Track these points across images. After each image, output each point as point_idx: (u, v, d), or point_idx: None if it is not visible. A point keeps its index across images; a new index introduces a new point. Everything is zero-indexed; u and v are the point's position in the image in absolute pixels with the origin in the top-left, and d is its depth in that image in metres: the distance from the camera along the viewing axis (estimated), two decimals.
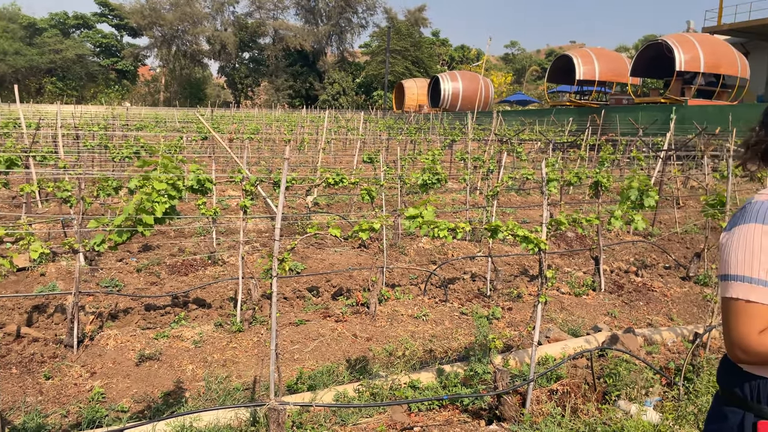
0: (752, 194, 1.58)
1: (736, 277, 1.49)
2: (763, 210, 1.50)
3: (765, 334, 1.44)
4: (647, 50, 28.30)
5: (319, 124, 23.67)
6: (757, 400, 1.51)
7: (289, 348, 4.83)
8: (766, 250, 1.46)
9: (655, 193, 5.24)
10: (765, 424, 1.48)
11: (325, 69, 72.91)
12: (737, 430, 1.53)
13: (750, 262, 1.47)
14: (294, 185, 8.98)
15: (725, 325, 1.51)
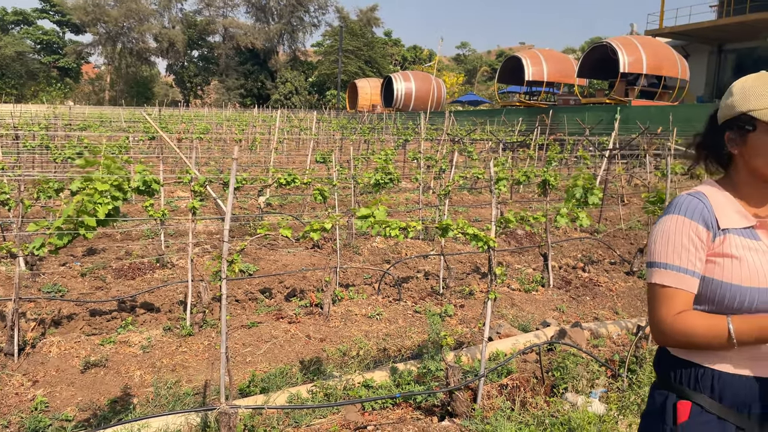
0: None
1: (655, 264, 1.60)
2: (683, 203, 1.60)
3: (679, 316, 1.53)
4: (593, 52, 29.15)
5: (271, 124, 23.43)
6: (679, 381, 1.60)
7: (241, 351, 4.76)
8: (680, 238, 1.56)
9: (599, 191, 5.40)
10: (683, 403, 1.57)
11: (277, 68, 72.16)
12: (661, 409, 1.62)
13: (665, 250, 1.58)
14: (245, 186, 8.87)
15: (648, 310, 1.61)
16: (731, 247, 1.54)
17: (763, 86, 1.53)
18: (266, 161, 14.91)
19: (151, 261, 6.99)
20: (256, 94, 71.11)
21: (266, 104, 61.68)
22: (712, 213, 1.57)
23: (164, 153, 13.20)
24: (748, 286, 1.50)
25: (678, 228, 1.58)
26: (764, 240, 1.55)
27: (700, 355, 1.57)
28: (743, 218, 1.57)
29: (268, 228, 3.17)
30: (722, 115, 1.61)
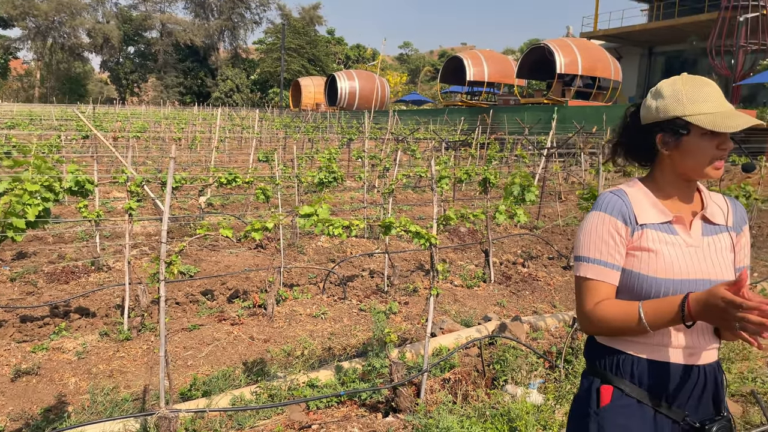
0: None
1: (580, 258, 1.69)
2: (605, 200, 1.69)
3: (599, 305, 1.62)
4: (531, 53, 29.95)
5: (212, 122, 22.95)
6: (603, 367, 1.69)
7: (182, 354, 4.67)
8: (601, 233, 1.66)
9: (536, 189, 5.57)
10: (606, 388, 1.66)
11: (218, 65, 70.72)
12: (586, 394, 1.71)
13: (588, 244, 1.67)
14: (184, 185, 8.66)
15: (576, 301, 1.71)
16: (648, 241, 1.63)
17: (696, 91, 1.61)
18: (207, 160, 14.61)
19: (85, 264, 6.74)
20: (196, 92, 69.48)
21: (207, 102, 60.31)
22: (631, 209, 1.66)
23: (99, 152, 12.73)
24: (663, 277, 1.59)
25: (600, 224, 1.67)
26: (681, 234, 1.65)
27: (621, 343, 1.66)
28: (661, 214, 1.66)
29: (208, 228, 3.12)
30: (651, 116, 1.67)
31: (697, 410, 1.65)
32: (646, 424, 1.61)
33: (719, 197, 1.76)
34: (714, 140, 1.60)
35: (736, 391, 4.03)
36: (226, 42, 74.38)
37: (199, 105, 46.20)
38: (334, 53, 75.81)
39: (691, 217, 1.68)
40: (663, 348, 1.62)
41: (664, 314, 1.50)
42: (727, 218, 1.72)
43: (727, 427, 1.63)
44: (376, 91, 43.42)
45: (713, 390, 1.67)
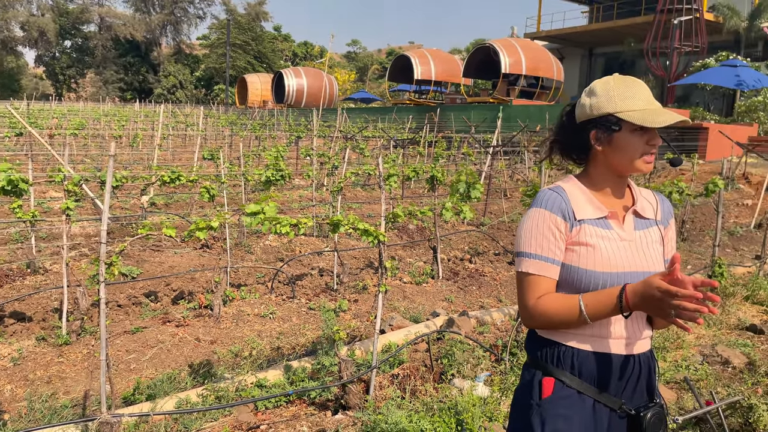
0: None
1: (521, 254, 1.73)
2: (545, 197, 1.74)
3: (540, 299, 1.67)
4: (477, 53, 30.40)
5: (154, 120, 22.32)
6: (544, 359, 1.74)
7: (124, 358, 4.54)
8: (541, 229, 1.70)
9: (481, 186, 5.68)
10: (548, 380, 1.71)
11: (160, 61, 68.72)
12: (529, 386, 1.75)
13: (529, 240, 1.72)
14: (126, 184, 8.41)
15: (518, 296, 1.75)
16: (586, 236, 1.68)
17: (627, 89, 1.69)
18: (150, 158, 14.21)
19: (20, 267, 6.46)
20: (137, 88, 67.38)
21: (149, 99, 58.56)
22: (570, 205, 1.71)
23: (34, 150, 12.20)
24: (601, 271, 1.66)
25: (540, 220, 1.71)
26: (615, 229, 1.71)
27: (560, 335, 1.71)
28: (597, 209, 1.72)
29: (151, 228, 3.04)
30: (585, 114, 1.74)
31: (632, 398, 1.71)
32: (585, 414, 1.67)
33: (648, 193, 1.85)
34: (644, 136, 1.68)
35: (671, 379, 4.22)
36: (169, 37, 72.38)
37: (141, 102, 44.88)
38: (281, 50, 74.92)
39: (623, 212, 1.75)
40: (602, 339, 1.68)
41: (603, 306, 1.56)
42: (656, 213, 1.80)
43: (660, 413, 1.70)
44: (324, 89, 43.16)
45: (647, 378, 1.74)
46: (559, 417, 1.66)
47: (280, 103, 44.61)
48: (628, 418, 1.70)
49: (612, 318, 1.66)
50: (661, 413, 1.70)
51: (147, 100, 53.62)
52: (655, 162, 17.98)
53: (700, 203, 12.06)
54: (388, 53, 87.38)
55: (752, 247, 9.23)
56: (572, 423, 1.65)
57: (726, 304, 5.91)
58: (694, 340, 5.04)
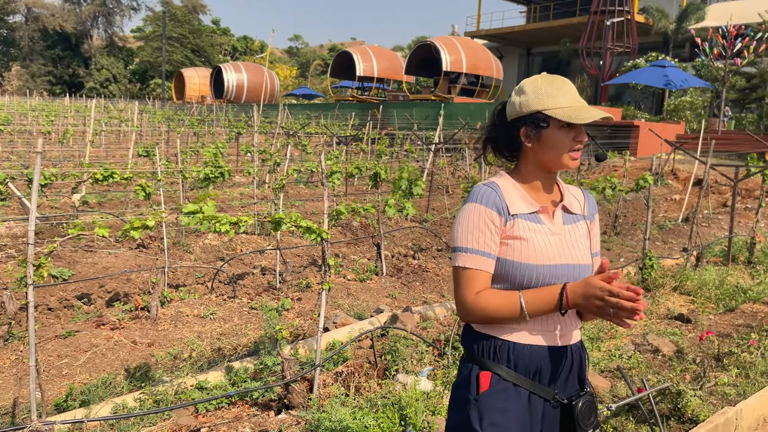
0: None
1: (458, 249, 1.76)
2: (479, 192, 1.77)
3: (479, 295, 1.70)
4: (418, 51, 30.66)
5: (86, 114, 21.44)
6: (480, 354, 1.77)
7: (56, 363, 4.34)
8: (477, 224, 1.73)
9: (423, 183, 5.73)
10: (484, 374, 1.74)
11: (92, 54, 65.96)
12: (466, 381, 1.78)
13: (465, 235, 1.74)
14: (55, 182, 8.04)
15: (454, 291, 1.78)
16: (520, 230, 1.73)
17: (554, 88, 1.74)
18: (81, 155, 13.64)
19: None
20: (67, 82, 64.42)
21: (80, 93, 56.13)
22: (503, 200, 1.75)
23: None
24: (534, 263, 1.71)
25: (476, 215, 1.74)
26: (546, 223, 1.77)
27: (496, 329, 1.74)
28: (528, 204, 1.77)
29: (82, 227, 2.92)
30: (515, 112, 1.79)
31: (564, 388, 1.77)
32: (522, 406, 1.71)
33: (575, 189, 1.91)
34: (570, 133, 1.74)
35: (605, 368, 4.38)
36: (101, 29, 69.57)
37: (72, 96, 42.98)
38: (220, 44, 73.29)
39: (553, 207, 1.81)
40: (537, 332, 1.73)
41: (544, 303, 1.62)
42: (583, 208, 1.87)
43: (591, 401, 1.76)
44: (265, 84, 42.45)
45: (578, 368, 1.81)
46: (497, 411, 1.69)
47: (220, 98, 43.66)
48: (561, 407, 1.75)
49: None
50: (591, 401, 1.76)
51: (78, 95, 51.40)
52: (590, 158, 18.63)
53: (633, 198, 12.58)
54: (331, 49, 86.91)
55: (680, 240, 9.70)
56: (509, 416, 1.69)
57: (656, 294, 6.19)
58: (626, 331, 5.25)
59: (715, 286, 6.30)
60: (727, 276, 6.73)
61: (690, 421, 3.54)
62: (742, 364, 4.37)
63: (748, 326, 5.39)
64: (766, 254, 7.78)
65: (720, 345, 4.70)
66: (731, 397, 3.90)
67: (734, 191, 7.84)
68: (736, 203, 8.29)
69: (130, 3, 70.56)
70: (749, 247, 7.79)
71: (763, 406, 3.83)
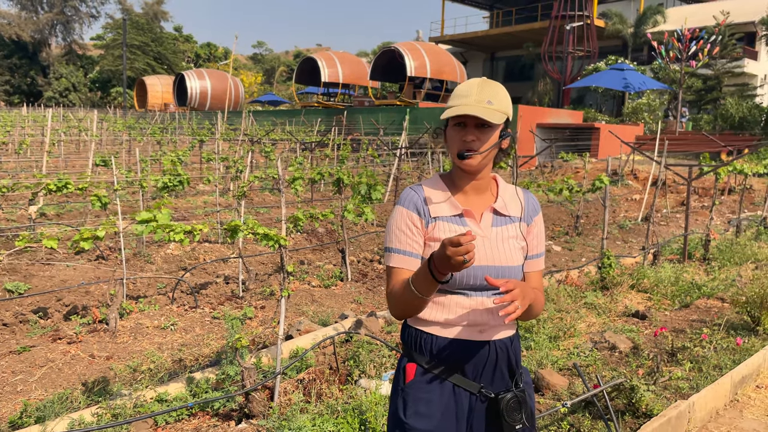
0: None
1: (386, 249, 1.84)
2: (404, 195, 1.85)
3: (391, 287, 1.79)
4: (383, 56, 30.77)
5: (44, 124, 20.93)
6: (409, 346, 1.85)
7: (10, 380, 4.22)
8: (399, 225, 1.81)
9: (382, 187, 5.77)
10: (410, 365, 1.82)
11: (50, 62, 64.44)
12: (397, 372, 1.87)
13: (392, 236, 1.82)
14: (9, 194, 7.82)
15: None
16: (440, 232, 1.78)
17: (460, 88, 1.78)
18: (38, 166, 13.30)
19: None
20: (25, 92, 62.80)
21: (38, 103, 54.76)
22: (424, 202, 1.81)
23: None
24: None
25: (399, 217, 1.82)
26: (471, 225, 1.81)
27: (422, 323, 1.82)
28: (452, 207, 1.81)
29: (29, 240, 2.85)
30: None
31: (492, 382, 1.82)
32: (445, 397, 1.77)
33: (514, 191, 1.92)
34: (460, 132, 1.76)
35: (563, 366, 4.46)
36: (59, 37, 68.06)
37: (29, 106, 41.91)
38: (183, 51, 72.37)
39: (481, 210, 1.84)
40: (457, 326, 1.78)
41: (422, 276, 1.65)
42: (520, 211, 1.89)
43: (520, 397, 1.79)
44: (229, 91, 42.07)
45: (506, 364, 1.84)
46: (420, 400, 1.77)
47: (183, 106, 43.09)
48: (488, 401, 1.79)
49: (468, 306, 1.76)
50: (520, 397, 1.79)
51: (36, 104, 50.15)
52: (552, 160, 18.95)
53: (594, 199, 12.84)
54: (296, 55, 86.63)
55: (640, 239, 9.94)
56: (432, 405, 1.76)
57: (614, 293, 6.32)
58: (585, 329, 5.36)
59: (670, 282, 6.47)
60: (683, 273, 6.93)
61: (644, 415, 3.62)
62: (695, 359, 4.50)
63: (701, 321, 5.56)
64: (721, 251, 8.03)
65: (674, 340, 4.84)
66: (684, 391, 4.01)
67: (688, 190, 8.08)
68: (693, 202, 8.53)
69: (89, 10, 69.29)
70: (704, 244, 8.02)
71: (715, 399, 3.95)
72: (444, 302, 1.78)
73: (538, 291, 1.86)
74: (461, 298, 1.77)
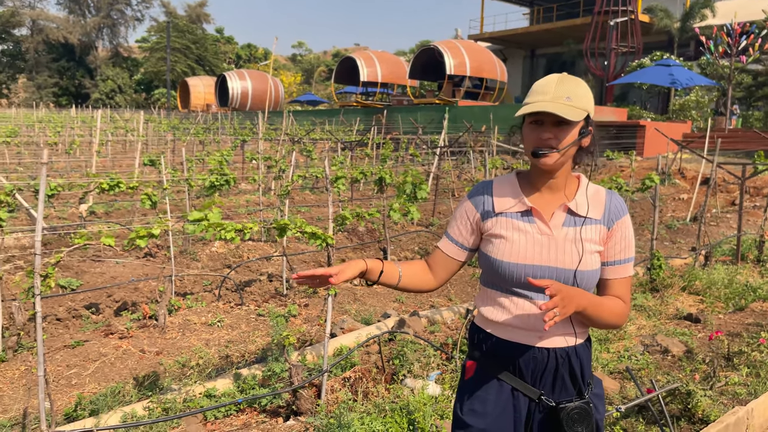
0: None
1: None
2: (474, 188, 1.88)
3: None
4: (422, 55, 30.69)
5: (92, 125, 21.58)
6: (472, 344, 1.86)
7: (65, 373, 4.35)
8: (456, 214, 1.89)
9: (427, 186, 5.73)
10: (471, 363, 1.84)
11: (97, 65, 66.43)
12: (460, 369, 1.92)
13: (450, 221, 1.91)
14: (62, 193, 8.08)
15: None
16: (502, 228, 1.76)
17: (536, 85, 1.73)
18: (88, 166, 13.71)
19: None
20: (73, 93, 64.93)
21: (86, 104, 56.54)
22: (491, 198, 1.80)
23: None
24: (509, 261, 1.72)
25: (460, 206, 1.89)
26: (538, 223, 1.75)
27: (485, 322, 1.81)
28: (519, 204, 1.77)
29: (88, 237, 2.93)
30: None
31: (554, 391, 1.75)
32: (503, 398, 1.75)
33: (596, 191, 1.81)
34: (536, 130, 1.70)
35: (614, 369, 4.35)
36: (106, 40, 70.10)
37: (77, 107, 43.29)
38: (224, 53, 73.64)
39: (553, 208, 1.76)
40: (517, 330, 1.75)
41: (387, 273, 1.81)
42: (601, 212, 1.77)
43: (585, 409, 1.70)
44: (269, 92, 42.52)
45: (569, 373, 1.75)
46: (476, 398, 1.76)
47: (224, 106, 43.85)
48: (550, 410, 1.73)
49: (527, 309, 1.73)
50: (585, 410, 1.71)
51: (84, 106, 51.79)
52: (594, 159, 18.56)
53: (640, 199, 12.53)
54: (334, 55, 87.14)
55: (689, 240, 9.65)
56: (488, 404, 1.74)
57: (665, 295, 6.15)
58: (635, 331, 5.22)
59: (724, 285, 6.25)
60: (736, 275, 6.68)
61: (700, 421, 3.51)
62: (752, 364, 4.33)
63: (758, 325, 5.35)
64: None
65: (730, 344, 4.67)
66: (742, 397, 3.86)
67: (742, 189, 7.79)
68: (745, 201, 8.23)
69: (134, 14, 71.14)
70: (758, 246, 7.73)
71: None
72: (505, 303, 1.75)
73: (618, 300, 1.76)
74: (522, 300, 1.73)
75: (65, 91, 65.34)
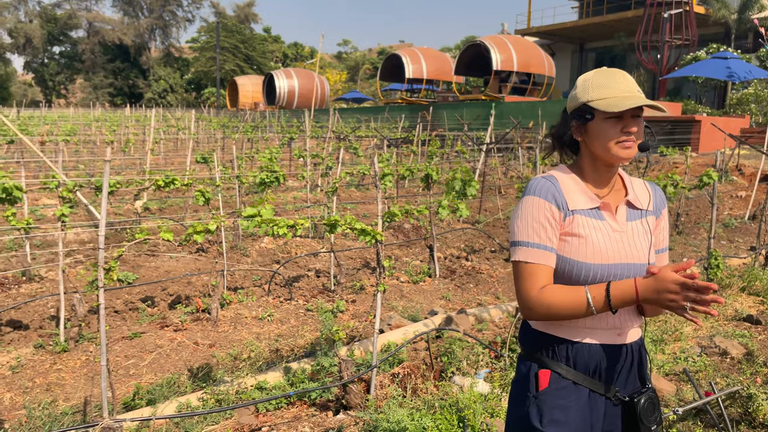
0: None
1: (517, 243, 1.71)
2: (537, 185, 1.74)
3: (543, 291, 1.65)
4: (468, 51, 30.41)
5: (145, 124, 22.26)
6: (540, 352, 1.75)
7: (123, 364, 4.52)
8: (537, 217, 1.69)
9: (477, 184, 5.69)
10: (544, 372, 1.72)
11: (150, 65, 68.50)
12: (525, 379, 1.77)
13: (525, 229, 1.70)
14: (119, 190, 8.37)
15: (515, 287, 1.73)
16: (578, 227, 1.69)
17: (600, 79, 1.70)
18: (142, 163, 14.16)
19: (15, 275, 6.42)
20: (127, 93, 67.17)
21: (139, 103, 58.39)
22: (562, 194, 1.71)
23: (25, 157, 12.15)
24: (592, 262, 1.66)
25: (534, 208, 1.70)
26: (608, 220, 1.72)
27: (555, 327, 1.73)
28: (589, 200, 1.72)
29: (148, 232, 3.03)
30: (569, 106, 1.78)
31: (625, 385, 1.75)
32: (581, 403, 1.70)
33: (641, 183, 1.85)
34: (618, 124, 1.66)
35: (670, 371, 4.23)
36: (158, 41, 72.25)
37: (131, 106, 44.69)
38: (271, 51, 74.76)
39: (616, 203, 1.76)
40: (595, 330, 1.70)
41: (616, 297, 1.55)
42: (649, 203, 1.81)
43: (652, 397, 1.74)
44: (315, 90, 42.96)
45: (638, 366, 1.78)
46: (557, 408, 1.69)
47: (272, 104, 44.53)
48: (622, 404, 1.73)
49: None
50: (654, 398, 1.73)
51: (137, 105, 53.48)
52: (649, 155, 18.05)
53: (695, 196, 12.12)
54: (379, 52, 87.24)
55: (747, 239, 9.28)
56: (569, 413, 1.68)
57: (723, 295, 5.93)
58: (692, 332, 5.06)
59: None
60: None
61: (762, 425, 3.38)
62: None
63: None
64: None
65: None
66: None
67: None
68: None
69: (185, 15, 73.00)
70: None
71: None
72: None
73: None
74: None
75: (120, 91, 67.63)
